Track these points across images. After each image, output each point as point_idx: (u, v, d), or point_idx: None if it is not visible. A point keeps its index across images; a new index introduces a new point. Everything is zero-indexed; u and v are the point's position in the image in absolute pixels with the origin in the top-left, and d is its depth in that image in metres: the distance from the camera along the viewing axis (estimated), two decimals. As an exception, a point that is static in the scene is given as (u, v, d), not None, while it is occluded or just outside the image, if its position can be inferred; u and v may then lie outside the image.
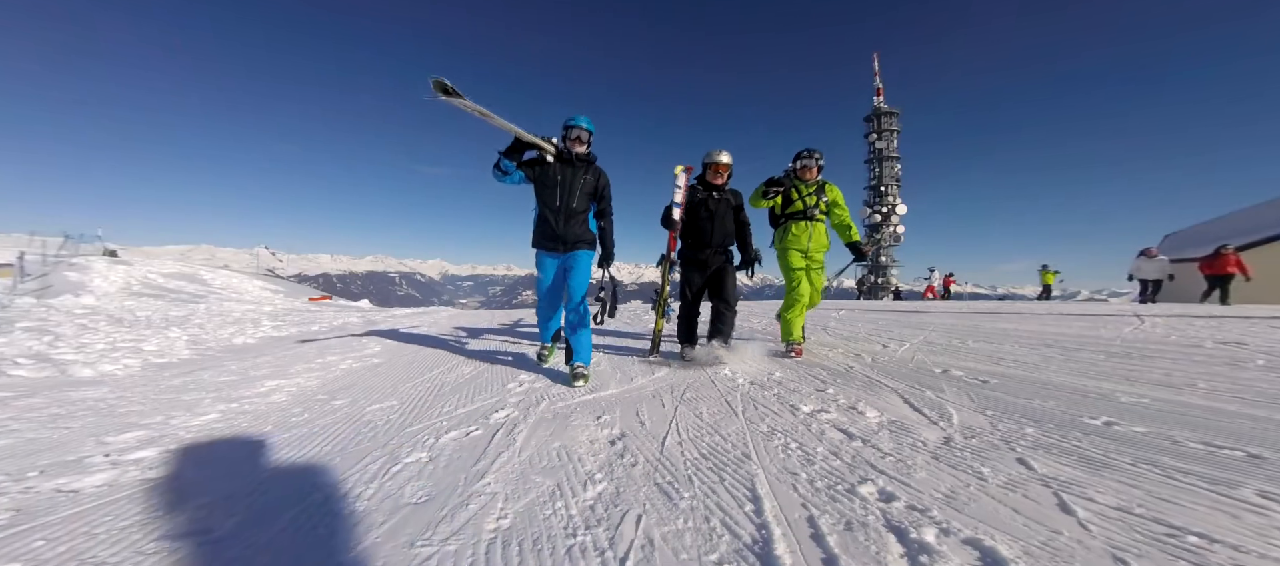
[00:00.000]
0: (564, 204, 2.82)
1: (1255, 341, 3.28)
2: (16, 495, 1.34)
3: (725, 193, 3.36)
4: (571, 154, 2.85)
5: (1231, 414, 1.77)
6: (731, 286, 3.34)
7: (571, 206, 2.84)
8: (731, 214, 3.37)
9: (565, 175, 2.84)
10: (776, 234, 3.69)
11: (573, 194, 2.84)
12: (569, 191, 2.83)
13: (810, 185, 3.50)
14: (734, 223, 3.40)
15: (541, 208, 2.89)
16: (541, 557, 1.01)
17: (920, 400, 2.04)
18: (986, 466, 1.36)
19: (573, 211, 2.85)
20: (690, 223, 3.33)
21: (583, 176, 2.88)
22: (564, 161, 2.86)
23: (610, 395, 2.29)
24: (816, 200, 3.47)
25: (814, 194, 3.48)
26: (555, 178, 2.83)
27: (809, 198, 3.47)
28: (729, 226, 3.34)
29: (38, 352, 3.38)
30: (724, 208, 3.32)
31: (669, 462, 1.46)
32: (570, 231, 2.86)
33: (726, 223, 3.32)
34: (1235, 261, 9.59)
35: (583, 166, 2.90)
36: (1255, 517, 1.07)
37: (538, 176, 2.86)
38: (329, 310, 9.82)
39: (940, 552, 0.97)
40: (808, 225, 3.46)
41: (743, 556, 0.99)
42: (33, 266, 12.11)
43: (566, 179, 2.84)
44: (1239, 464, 1.33)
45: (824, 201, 3.51)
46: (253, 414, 2.17)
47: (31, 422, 1.99)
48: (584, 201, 2.89)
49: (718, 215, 3.29)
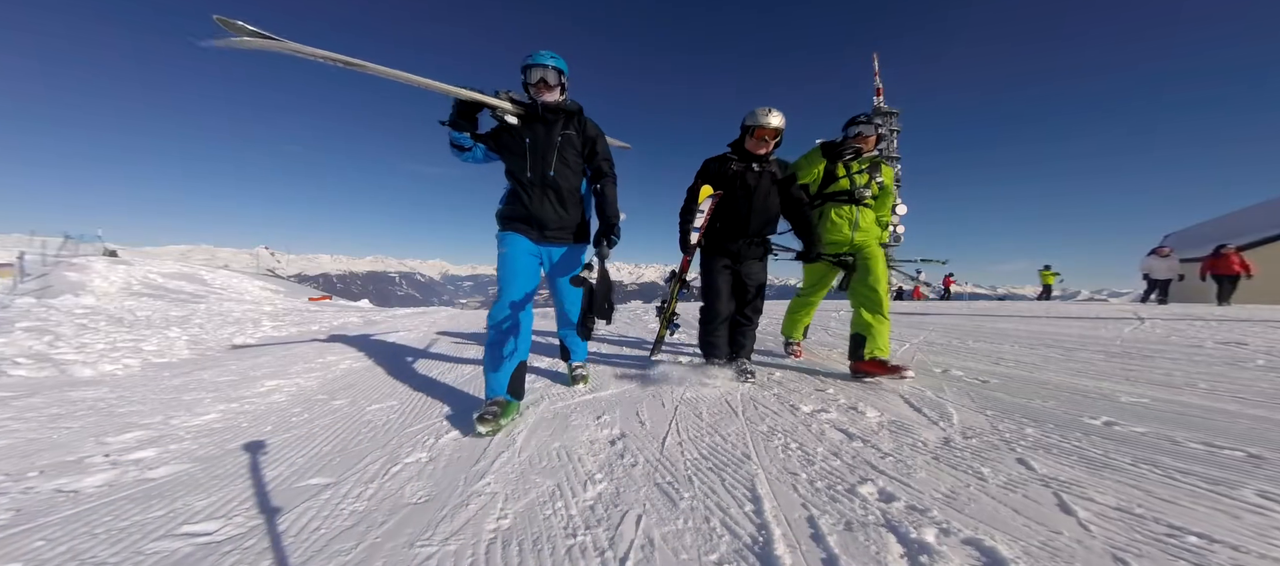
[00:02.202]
0: (538, 173, 2.11)
1: (1255, 341, 3.28)
2: (16, 495, 1.34)
3: (770, 164, 2.55)
4: (540, 106, 2.11)
5: (1231, 414, 1.77)
6: (753, 295, 2.62)
7: (548, 175, 2.11)
8: (776, 192, 2.56)
9: (536, 136, 2.11)
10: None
11: (549, 158, 2.11)
12: (543, 156, 2.11)
13: (862, 161, 2.73)
14: (785, 203, 2.62)
15: (511, 181, 2.19)
16: (541, 557, 1.01)
17: (920, 400, 2.04)
18: (986, 466, 1.36)
19: (554, 183, 2.13)
20: (723, 200, 2.58)
21: (561, 132, 2.14)
22: (533, 118, 2.14)
23: (610, 395, 2.29)
24: (868, 180, 2.74)
25: (865, 172, 2.74)
26: (523, 141, 2.11)
27: (859, 176, 2.72)
28: (773, 209, 2.56)
29: (38, 352, 3.38)
30: (767, 184, 2.51)
31: (669, 462, 1.46)
32: (550, 211, 2.15)
33: (769, 204, 2.54)
34: (1238, 260, 9.58)
35: (560, 119, 2.16)
36: (1255, 517, 1.07)
37: (504, 145, 2.16)
38: (329, 310, 9.83)
39: (940, 552, 0.96)
40: (853, 211, 2.73)
41: (743, 556, 0.99)
42: (33, 266, 12.12)
43: (538, 140, 2.11)
44: (1239, 464, 1.33)
45: (877, 183, 2.78)
46: (253, 414, 2.17)
47: (31, 422, 1.99)
48: (569, 167, 2.17)
49: (758, 193, 2.50)
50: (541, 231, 2.17)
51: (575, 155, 2.20)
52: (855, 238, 2.72)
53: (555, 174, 2.12)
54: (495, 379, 1.97)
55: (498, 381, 1.97)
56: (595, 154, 2.27)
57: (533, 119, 2.14)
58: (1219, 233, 13.32)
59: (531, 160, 2.11)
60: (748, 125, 2.51)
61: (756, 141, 2.51)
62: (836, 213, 2.74)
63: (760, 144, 2.51)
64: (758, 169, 2.53)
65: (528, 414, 2.01)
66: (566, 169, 2.16)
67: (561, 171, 2.15)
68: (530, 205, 2.13)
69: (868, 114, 2.70)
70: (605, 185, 2.26)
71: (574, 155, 2.19)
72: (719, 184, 2.55)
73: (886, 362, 2.41)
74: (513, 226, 2.17)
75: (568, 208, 2.20)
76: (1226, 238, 10.88)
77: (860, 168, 2.74)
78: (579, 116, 2.24)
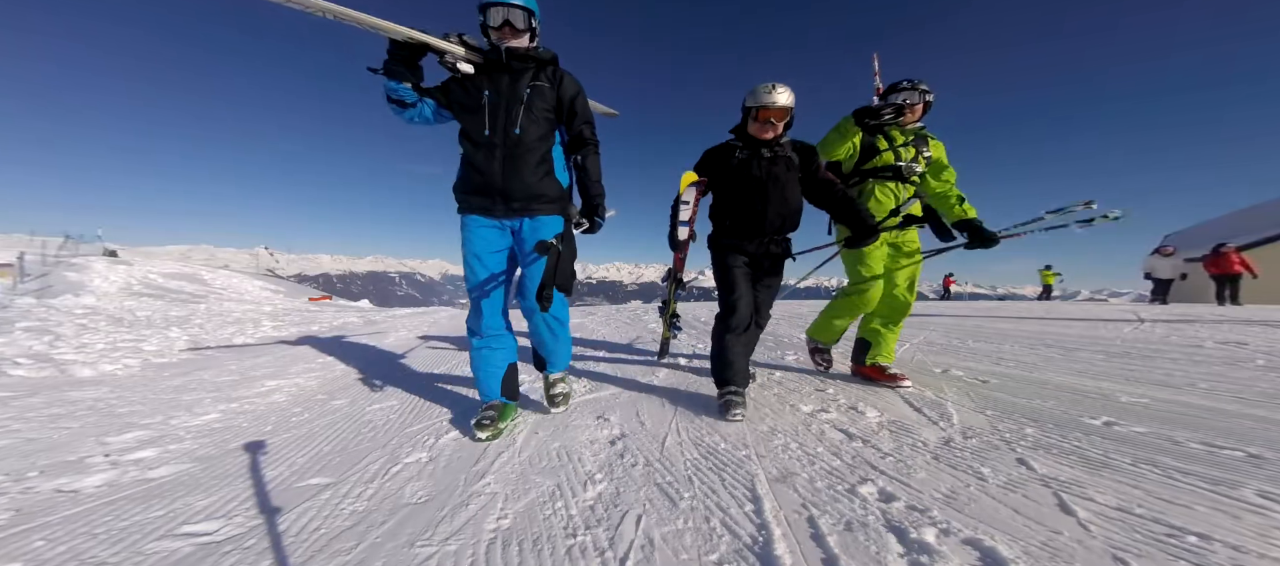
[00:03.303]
0: (501, 133, 1.73)
1: (1255, 341, 3.28)
2: (16, 495, 1.34)
3: (783, 148, 2.12)
4: (503, 53, 1.75)
5: (1231, 414, 1.77)
6: (763, 303, 2.20)
7: (513, 135, 1.73)
8: (796, 179, 2.14)
9: (499, 89, 1.75)
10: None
11: (514, 113, 1.73)
12: (506, 113, 1.73)
13: (907, 133, 2.36)
14: (811, 188, 2.17)
15: (465, 145, 1.80)
16: (541, 557, 1.01)
17: (920, 400, 2.04)
18: (986, 466, 1.36)
19: (520, 145, 1.74)
20: (729, 195, 2.17)
21: (529, 84, 1.77)
22: (495, 66, 1.77)
23: (610, 395, 2.29)
24: (916, 153, 2.32)
25: (913, 144, 2.34)
26: (480, 95, 1.74)
27: (905, 150, 2.31)
28: (793, 201, 2.14)
29: (38, 352, 3.38)
30: (782, 172, 2.09)
31: (669, 462, 1.46)
32: (517, 180, 1.75)
33: (788, 195, 2.12)
34: (1239, 259, 9.57)
35: (528, 69, 1.79)
36: (1255, 517, 1.07)
37: (457, 99, 1.79)
38: (329, 310, 9.83)
39: (940, 552, 0.96)
40: (899, 190, 2.36)
41: (743, 556, 0.99)
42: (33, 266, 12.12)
43: (501, 93, 1.74)
44: (1239, 464, 1.33)
45: (924, 158, 2.35)
46: (252, 414, 2.17)
47: (31, 422, 1.99)
48: (539, 127, 1.78)
49: (777, 182, 2.08)
50: (507, 203, 1.79)
51: (547, 111, 1.81)
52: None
53: (522, 132, 1.73)
54: (486, 384, 1.88)
55: (489, 386, 1.88)
56: (574, 115, 1.87)
57: (495, 68, 1.76)
58: (1219, 233, 13.32)
59: (491, 117, 1.72)
60: (749, 106, 2.10)
61: (761, 125, 2.09)
62: (882, 190, 2.35)
63: (766, 128, 2.09)
64: (768, 155, 2.11)
65: (528, 414, 2.01)
66: (534, 125, 1.77)
67: (530, 130, 1.76)
68: (490, 173, 1.74)
69: (913, 80, 2.34)
70: (587, 156, 1.88)
71: (545, 111, 1.80)
72: (722, 176, 2.16)
73: (887, 369, 2.40)
74: (472, 205, 1.81)
75: (539, 173, 1.80)
76: (1227, 238, 10.88)
77: (904, 140, 2.34)
78: (553, 68, 1.85)
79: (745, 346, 2.11)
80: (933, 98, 2.38)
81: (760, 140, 2.12)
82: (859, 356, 2.52)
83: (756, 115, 2.08)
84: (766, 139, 2.11)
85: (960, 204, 2.37)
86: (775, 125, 2.08)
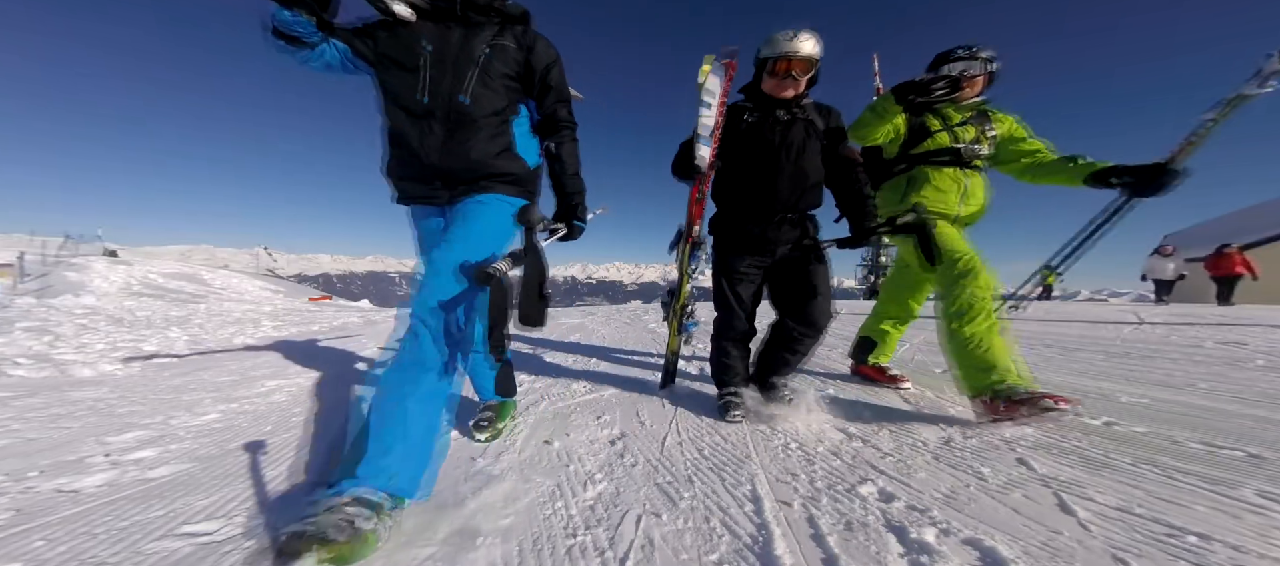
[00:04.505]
0: (442, 100, 1.33)
1: (1255, 341, 3.28)
2: (16, 495, 1.34)
3: (805, 109, 1.81)
4: (457, 1, 1.40)
5: (1231, 414, 1.77)
6: (819, 290, 1.79)
7: (457, 101, 1.34)
8: (819, 148, 1.82)
9: (445, 44, 1.37)
10: (887, 192, 2.12)
11: (462, 78, 1.35)
12: (453, 71, 1.35)
13: (965, 110, 2.00)
14: (832, 165, 1.85)
15: (393, 113, 1.38)
16: (541, 557, 1.01)
17: (920, 400, 2.04)
18: (986, 466, 1.36)
19: (465, 118, 1.35)
20: (735, 166, 1.85)
21: (489, 42, 1.40)
22: (443, 15, 1.41)
23: (610, 395, 2.29)
24: (978, 132, 1.96)
25: (972, 122, 1.97)
26: (417, 47, 1.35)
27: (964, 129, 1.95)
28: (812, 172, 1.80)
29: (38, 353, 3.38)
30: (802, 136, 1.77)
31: (669, 462, 1.46)
32: (461, 157, 1.36)
33: (807, 164, 1.78)
34: (1241, 260, 9.55)
35: (489, 24, 1.44)
36: (1255, 517, 1.07)
37: (384, 51, 1.37)
38: (329, 310, 9.83)
39: (940, 552, 0.97)
40: (961, 177, 1.95)
41: (743, 556, 0.99)
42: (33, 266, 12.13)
43: (449, 49, 1.36)
44: (1239, 464, 1.33)
45: (990, 136, 1.98)
46: (253, 414, 2.17)
47: (31, 422, 1.99)
48: (495, 97, 1.39)
49: (792, 149, 1.76)
50: (450, 190, 1.39)
51: (509, 79, 1.43)
52: (963, 211, 1.96)
53: (472, 102, 1.33)
54: (479, 385, 1.80)
55: (483, 387, 1.80)
56: (548, 90, 1.51)
57: (444, 17, 1.40)
58: (1220, 233, 13.33)
59: (432, 79, 1.33)
60: (766, 57, 1.76)
61: (779, 81, 1.75)
62: (941, 177, 1.94)
63: (785, 83, 1.75)
64: (785, 116, 1.78)
65: (528, 413, 2.01)
66: (490, 94, 1.37)
67: (482, 97, 1.36)
68: (426, 151, 1.33)
69: (971, 45, 1.96)
70: (563, 143, 1.55)
71: (507, 79, 1.42)
72: (727, 144, 1.83)
73: (887, 369, 2.37)
74: (409, 193, 1.43)
75: (494, 146, 1.39)
76: (1227, 238, 10.86)
77: (962, 116, 1.97)
78: (524, 27, 1.50)
79: (736, 354, 1.96)
80: (997, 67, 1.94)
81: (776, 99, 1.79)
82: (860, 355, 2.46)
83: (773, 68, 1.75)
84: (785, 97, 1.78)
85: (1070, 166, 1.88)
86: (797, 80, 1.75)
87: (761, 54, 1.80)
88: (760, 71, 1.82)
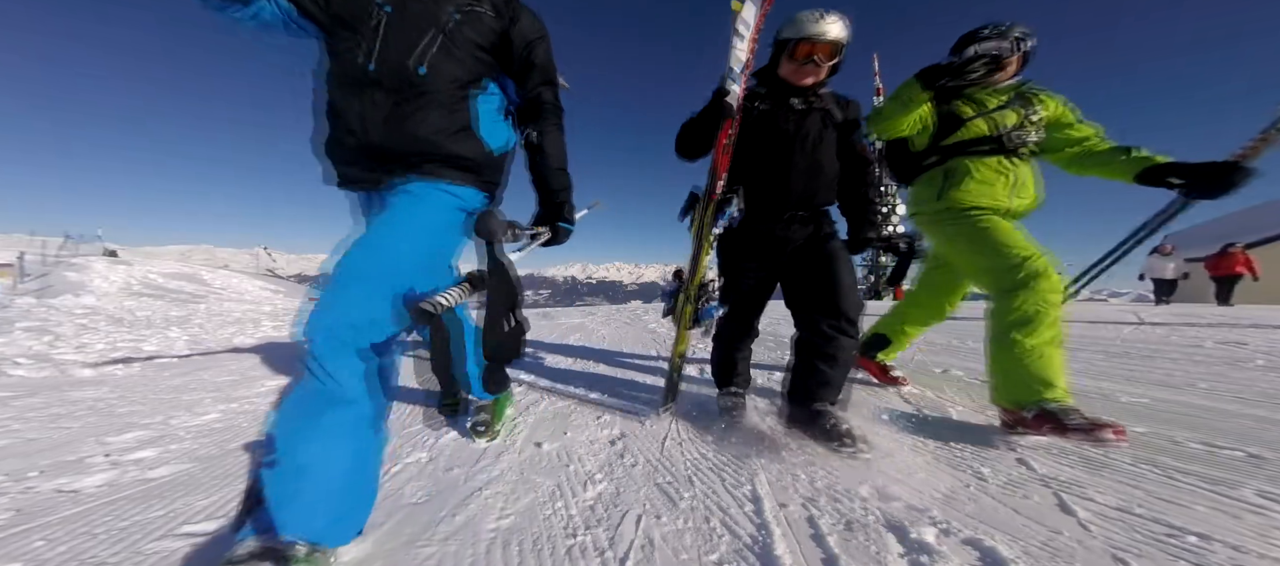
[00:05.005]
0: (391, 68, 1.14)
1: (1255, 341, 3.28)
2: (16, 495, 1.34)
3: (823, 98, 1.70)
4: None
5: (1231, 414, 1.77)
6: (843, 283, 1.57)
7: (412, 74, 1.14)
8: (835, 140, 1.71)
9: (405, 3, 1.18)
10: (920, 188, 1.92)
11: (417, 40, 1.16)
12: (408, 35, 1.16)
13: (1000, 93, 1.79)
14: (845, 160, 1.73)
15: (332, 82, 1.18)
16: (541, 557, 1.01)
17: (920, 400, 2.04)
18: (986, 466, 1.36)
19: (419, 90, 1.15)
20: (744, 157, 1.71)
21: (461, 7, 1.22)
22: None
23: (610, 395, 2.29)
24: (1021, 117, 1.73)
25: (1013, 105, 1.75)
26: (370, 8, 1.16)
27: (1004, 114, 1.73)
28: (828, 165, 1.69)
29: (38, 353, 3.38)
30: (819, 127, 1.66)
31: (669, 463, 1.46)
32: (402, 132, 1.14)
33: (822, 157, 1.67)
34: (1244, 260, 9.51)
35: None
36: (1255, 517, 1.07)
37: (336, 10, 1.18)
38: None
39: (940, 552, 0.96)
40: (1007, 166, 1.73)
41: (743, 556, 0.99)
42: (33, 266, 12.13)
43: (406, 11, 1.17)
44: (1239, 464, 1.33)
45: (1036, 121, 1.74)
46: (253, 414, 2.17)
47: (31, 422, 1.99)
48: (460, 68, 1.20)
49: (807, 140, 1.65)
50: (387, 173, 1.17)
51: (479, 52, 1.23)
52: (1014, 204, 1.73)
53: (429, 73, 1.13)
54: (469, 384, 1.74)
55: (473, 387, 1.73)
56: (531, 69, 1.31)
57: None
58: (1220, 232, 13.32)
59: (382, 41, 1.13)
60: (787, 38, 1.60)
61: (798, 66, 1.60)
62: (984, 168, 1.72)
63: (806, 69, 1.60)
64: (801, 105, 1.65)
65: (528, 413, 2.01)
66: (451, 64, 1.16)
67: (443, 69, 1.15)
68: (367, 125, 1.11)
69: (1002, 23, 1.72)
70: (545, 130, 1.33)
71: (477, 51, 1.22)
72: (744, 127, 1.68)
73: (890, 369, 2.32)
74: (346, 177, 1.21)
75: (448, 124, 1.16)
76: (1228, 238, 10.84)
77: (1000, 100, 1.76)
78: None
79: (747, 350, 1.96)
80: (1032, 45, 1.73)
81: (794, 86, 1.65)
82: (869, 350, 2.33)
83: (794, 51, 1.59)
84: (805, 85, 1.64)
85: (1124, 158, 1.66)
86: (819, 66, 1.60)
87: (782, 35, 1.64)
88: (779, 54, 1.67)
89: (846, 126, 1.72)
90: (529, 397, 2.27)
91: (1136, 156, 1.65)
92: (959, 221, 1.76)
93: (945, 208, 1.80)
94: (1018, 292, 1.56)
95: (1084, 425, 1.40)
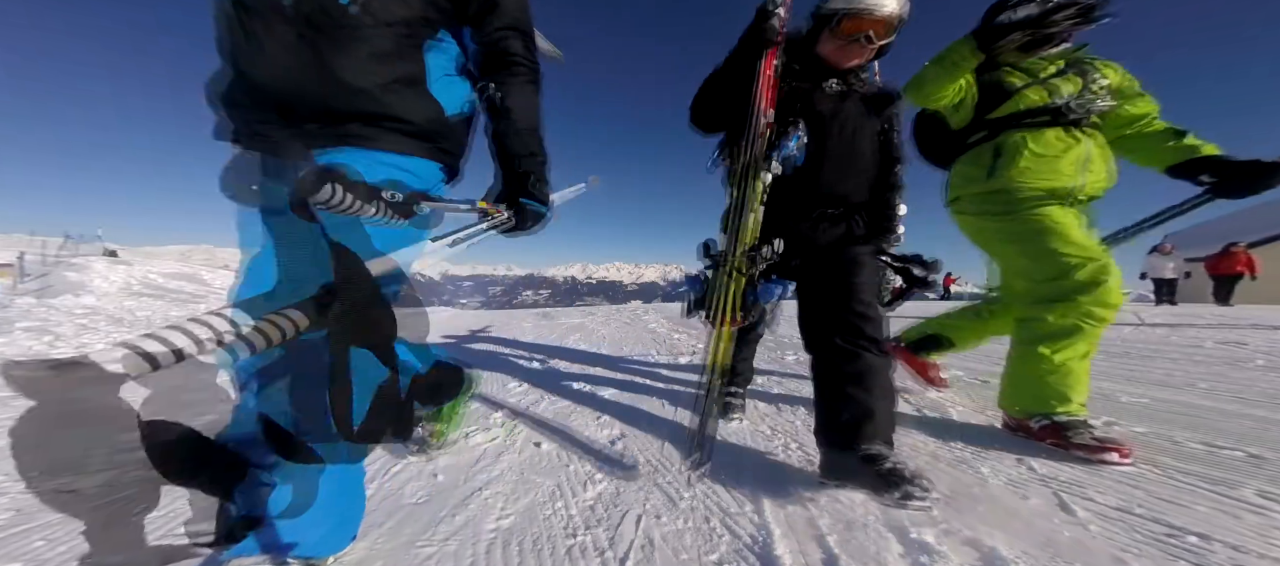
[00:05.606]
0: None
1: (1255, 341, 3.28)
2: (17, 495, 1.34)
3: (861, 84, 1.49)
4: None
5: (1231, 414, 1.76)
6: (864, 288, 1.35)
7: (336, 6, 0.85)
8: (874, 135, 1.50)
9: None
10: (966, 167, 1.66)
11: None
12: None
13: (1053, 57, 1.54)
14: (880, 158, 1.53)
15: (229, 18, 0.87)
16: (541, 557, 1.01)
17: (920, 400, 2.04)
18: (986, 466, 1.36)
19: (345, 28, 0.86)
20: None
21: None
22: None
23: (610, 395, 2.29)
24: (1081, 87, 1.48)
25: (1071, 73, 1.50)
26: None
27: (1062, 81, 1.48)
28: (863, 156, 1.48)
29: (38, 353, 3.38)
30: (856, 114, 1.46)
31: (669, 462, 1.46)
32: (330, 77, 0.85)
33: (858, 147, 1.46)
34: (1245, 260, 9.50)
35: None
36: (1255, 517, 1.07)
37: None
38: (329, 310, 9.80)
39: (940, 552, 0.97)
40: (1071, 138, 1.48)
41: (743, 556, 0.99)
42: (33, 266, 12.13)
43: None
44: (1239, 464, 1.33)
45: (1101, 87, 1.49)
46: (253, 414, 2.17)
47: (31, 423, 1.99)
48: (400, 6, 0.91)
49: (846, 127, 1.44)
50: (304, 136, 0.89)
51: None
52: (1084, 181, 1.48)
53: (360, 9, 0.87)
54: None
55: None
56: (493, 10, 1.03)
57: None
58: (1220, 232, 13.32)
59: None
60: (831, 11, 1.37)
61: (843, 46, 1.40)
62: (1040, 142, 1.48)
63: (852, 49, 1.39)
64: (838, 87, 1.45)
65: (528, 413, 2.01)
66: (395, 5, 0.91)
67: (378, 6, 0.89)
68: (272, 66, 0.87)
69: None
70: (510, 85, 1.04)
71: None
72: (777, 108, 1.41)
73: (934, 369, 2.10)
74: (245, 130, 0.91)
75: (382, 73, 0.90)
76: (1228, 237, 10.83)
77: (1054, 68, 1.51)
78: None
79: (750, 348, 1.95)
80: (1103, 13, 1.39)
81: (834, 67, 1.44)
82: (919, 348, 2.08)
83: (840, 26, 1.36)
84: (850, 66, 1.43)
85: (1176, 142, 1.48)
86: (864, 46, 1.37)
87: (826, 7, 1.39)
88: (819, 30, 1.43)
89: (889, 119, 1.52)
90: (529, 397, 2.27)
91: (1186, 143, 1.47)
92: (1012, 213, 1.52)
93: (998, 189, 1.53)
94: (1056, 305, 1.43)
95: (1090, 445, 1.35)
